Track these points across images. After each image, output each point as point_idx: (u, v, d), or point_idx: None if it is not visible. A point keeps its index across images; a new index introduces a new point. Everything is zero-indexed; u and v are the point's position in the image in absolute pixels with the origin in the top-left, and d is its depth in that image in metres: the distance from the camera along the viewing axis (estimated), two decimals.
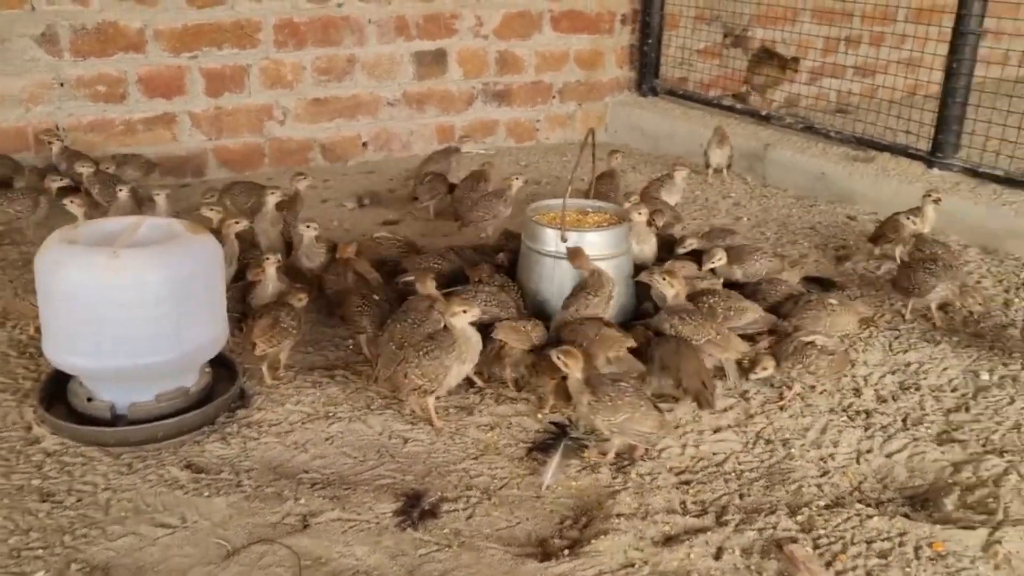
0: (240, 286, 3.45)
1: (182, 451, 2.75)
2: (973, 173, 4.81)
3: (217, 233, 3.34)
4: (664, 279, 3.21)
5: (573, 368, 2.73)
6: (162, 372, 2.77)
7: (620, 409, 2.68)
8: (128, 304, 2.64)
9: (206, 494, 2.52)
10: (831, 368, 3.08)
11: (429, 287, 3.16)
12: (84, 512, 2.45)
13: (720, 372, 3.19)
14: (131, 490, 2.54)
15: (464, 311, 2.85)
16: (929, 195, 4.11)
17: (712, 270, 3.60)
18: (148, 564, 2.27)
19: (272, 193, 3.96)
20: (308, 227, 3.71)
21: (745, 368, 3.19)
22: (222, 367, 3.06)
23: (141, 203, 4.17)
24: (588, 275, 3.23)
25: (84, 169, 4.40)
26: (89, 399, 2.79)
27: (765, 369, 3.06)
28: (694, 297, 3.31)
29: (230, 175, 5.51)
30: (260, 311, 3.16)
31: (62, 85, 4.97)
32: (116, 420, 2.76)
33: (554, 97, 6.52)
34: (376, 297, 3.34)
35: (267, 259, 3.35)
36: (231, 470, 2.66)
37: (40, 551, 2.29)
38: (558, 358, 2.75)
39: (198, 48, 5.24)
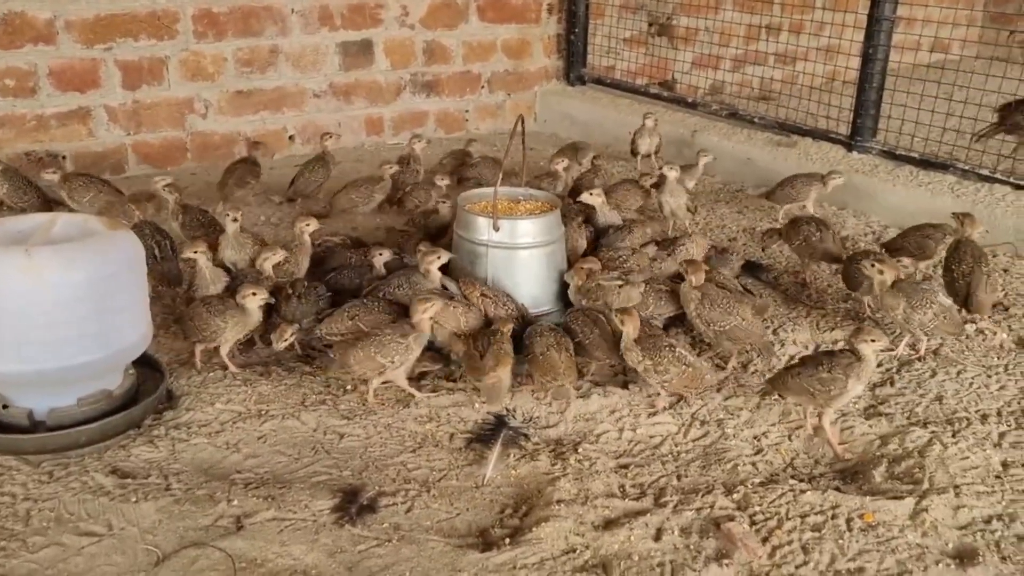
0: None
1: (107, 456, 2.65)
2: (891, 156, 4.97)
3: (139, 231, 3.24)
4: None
5: None
6: (82, 375, 2.65)
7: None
8: (43, 305, 2.52)
9: (133, 499, 2.43)
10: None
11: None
12: (2, 524, 2.34)
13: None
14: (53, 499, 2.43)
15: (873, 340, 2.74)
16: (834, 175, 4.38)
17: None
18: (73, 575, 2.17)
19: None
20: (232, 219, 3.64)
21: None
22: (147, 367, 2.95)
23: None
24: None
25: None
26: (5, 406, 2.65)
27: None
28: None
29: (151, 171, 5.33)
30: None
31: None
32: (35, 427, 2.64)
33: (483, 87, 6.49)
34: (295, 291, 3.28)
35: (195, 251, 3.31)
36: (159, 474, 2.58)
37: None
38: None
39: (112, 39, 5.05)
